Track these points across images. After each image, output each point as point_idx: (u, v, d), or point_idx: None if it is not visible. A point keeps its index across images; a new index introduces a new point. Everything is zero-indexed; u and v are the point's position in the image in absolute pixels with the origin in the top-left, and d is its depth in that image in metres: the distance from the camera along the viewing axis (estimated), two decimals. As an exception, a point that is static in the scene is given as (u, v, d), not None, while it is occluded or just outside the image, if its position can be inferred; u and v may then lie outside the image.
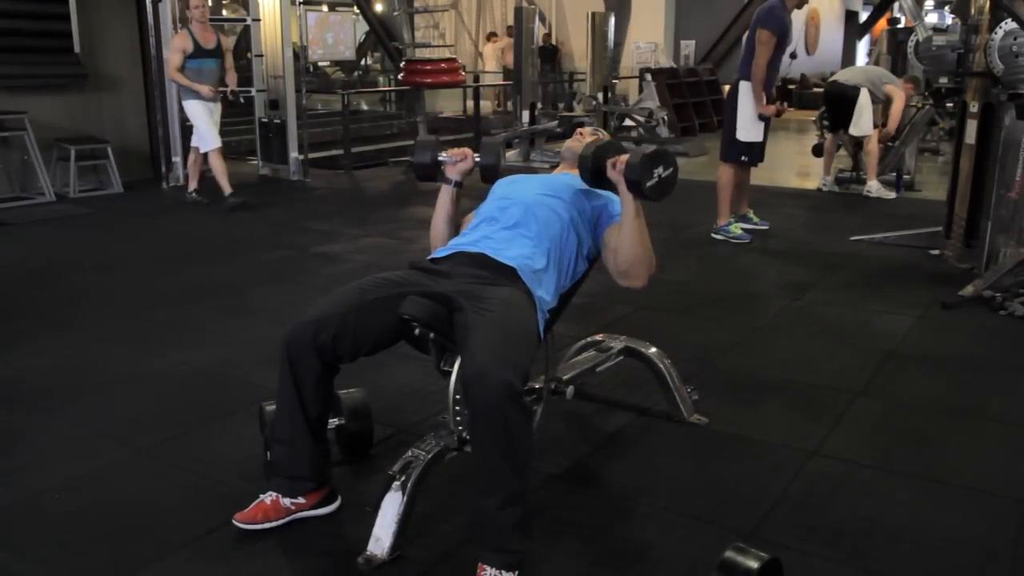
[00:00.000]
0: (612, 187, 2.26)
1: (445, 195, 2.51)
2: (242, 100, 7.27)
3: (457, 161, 2.45)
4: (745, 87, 5.30)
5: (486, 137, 2.34)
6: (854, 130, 6.90)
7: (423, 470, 2.03)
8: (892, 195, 7.02)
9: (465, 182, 2.51)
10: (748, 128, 5.33)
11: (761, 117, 5.29)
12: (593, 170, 2.26)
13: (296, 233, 5.75)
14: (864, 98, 6.77)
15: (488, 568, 1.88)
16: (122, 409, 2.91)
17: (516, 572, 1.90)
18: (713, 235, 5.52)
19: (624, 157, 2.19)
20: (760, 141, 5.38)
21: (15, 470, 2.49)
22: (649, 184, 2.15)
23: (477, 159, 2.46)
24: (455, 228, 2.51)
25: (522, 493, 1.90)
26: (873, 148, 6.96)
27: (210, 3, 7.33)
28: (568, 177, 2.48)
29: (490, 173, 2.46)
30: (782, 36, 5.20)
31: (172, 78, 6.51)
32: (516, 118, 9.08)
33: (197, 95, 6.35)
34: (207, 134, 6.41)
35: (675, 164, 2.21)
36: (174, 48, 6.42)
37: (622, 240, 2.26)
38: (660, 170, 2.17)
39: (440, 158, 2.45)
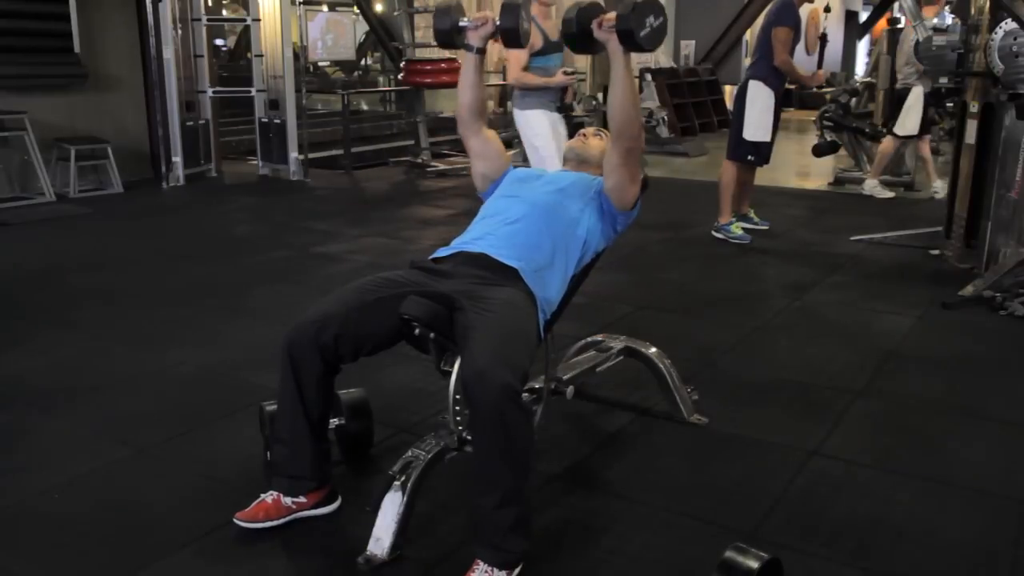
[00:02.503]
0: (600, 48, 2.24)
1: (468, 63, 2.44)
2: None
3: (478, 25, 2.37)
4: (755, 87, 5.29)
5: None
6: (898, 129, 6.68)
7: (423, 470, 2.03)
8: (889, 194, 7.00)
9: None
10: (756, 127, 5.33)
11: (804, 90, 5.28)
12: (578, 33, 2.23)
13: (296, 233, 5.75)
14: (914, 95, 6.56)
15: (481, 564, 1.88)
16: (122, 409, 2.91)
17: (511, 571, 1.90)
18: (714, 233, 5.52)
19: (611, 14, 2.16)
20: (767, 141, 5.37)
21: (15, 470, 2.49)
22: (643, 33, 2.10)
23: (498, 23, 2.36)
24: (481, 99, 2.47)
25: (521, 493, 1.90)
26: (886, 148, 6.86)
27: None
28: (573, 176, 2.48)
29: (511, 37, 2.36)
30: (797, 30, 5.22)
31: (518, 81, 4.75)
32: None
33: (543, 103, 4.79)
34: (554, 156, 4.71)
35: (664, 12, 2.16)
36: None
37: (614, 99, 2.24)
38: (651, 19, 2.12)
39: (461, 23, 2.37)
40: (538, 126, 4.78)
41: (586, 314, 3.68)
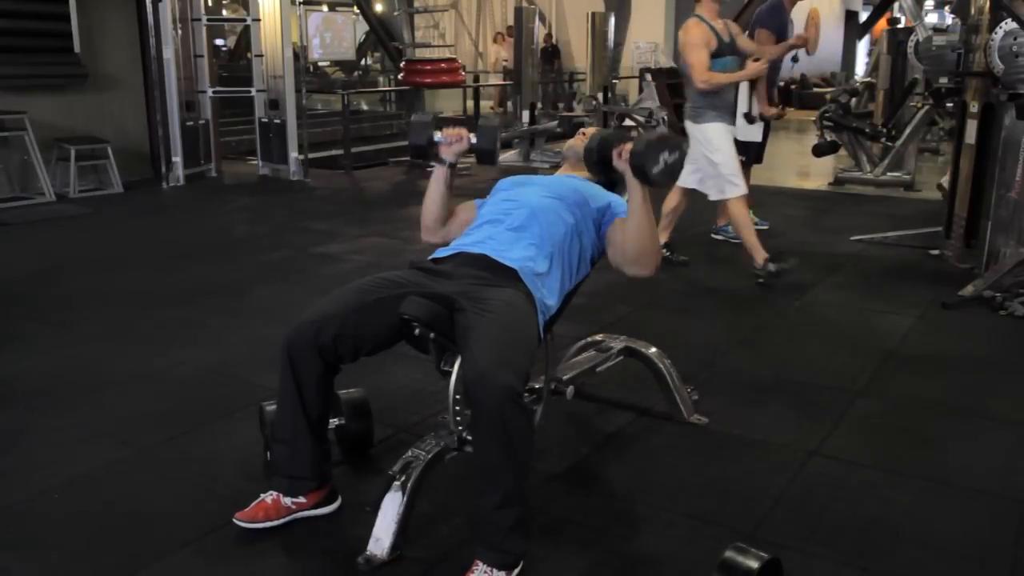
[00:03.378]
0: (619, 176, 2.25)
1: (439, 174, 2.44)
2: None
3: (452, 142, 2.39)
4: (742, 86, 5.30)
5: (483, 118, 2.29)
6: None
7: (423, 470, 2.03)
8: None
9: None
10: (746, 128, 5.33)
11: (761, 117, 5.28)
12: (599, 160, 2.25)
13: (296, 233, 5.75)
14: None
15: (480, 564, 1.88)
16: (122, 409, 2.91)
17: (511, 571, 1.90)
18: (713, 235, 5.52)
19: (628, 145, 2.16)
20: (758, 141, 5.38)
21: (15, 470, 2.49)
22: (656, 170, 2.10)
23: (472, 141, 2.39)
24: (446, 210, 2.48)
25: (521, 494, 1.90)
26: None
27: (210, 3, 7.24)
28: (572, 179, 2.47)
29: (486, 157, 2.41)
30: (781, 36, 5.20)
31: (708, 82, 4.37)
32: (516, 118, 9.08)
33: (721, 116, 4.52)
34: (736, 173, 4.52)
35: (681, 148, 2.16)
36: (695, 43, 4.38)
37: (630, 229, 2.23)
38: (666, 155, 2.11)
39: (436, 138, 2.39)
40: (718, 141, 4.53)
41: (586, 314, 3.68)
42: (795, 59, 6.00)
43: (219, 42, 14.79)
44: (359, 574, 1.99)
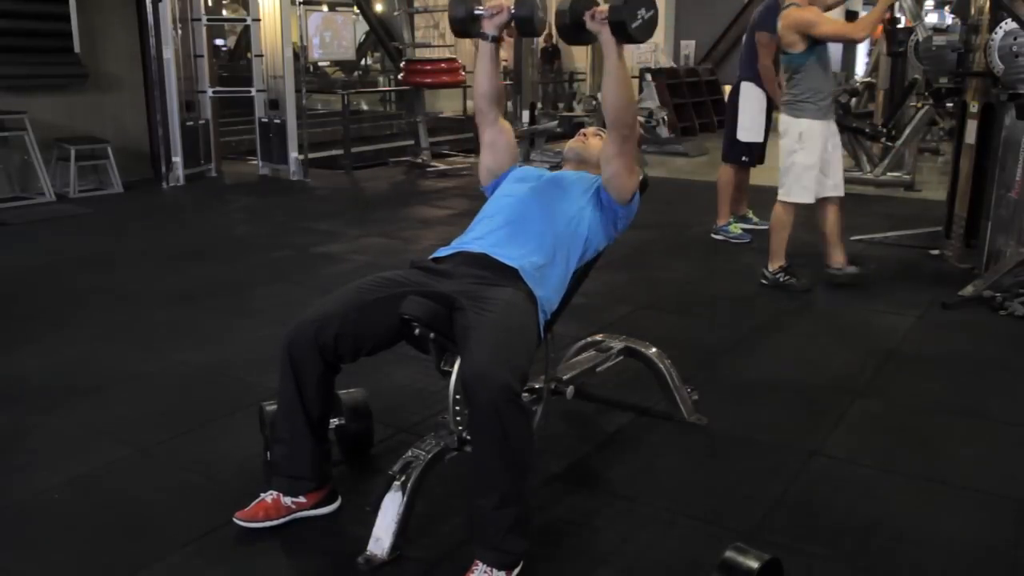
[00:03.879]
0: (592, 38, 2.26)
1: (484, 51, 2.43)
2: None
3: (493, 13, 2.36)
4: (747, 88, 5.30)
5: None
6: None
7: (423, 470, 2.03)
8: None
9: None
10: (749, 129, 5.35)
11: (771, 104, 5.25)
12: (571, 25, 2.24)
13: (296, 233, 5.75)
14: None
15: (480, 564, 1.88)
16: (122, 409, 2.91)
17: (511, 572, 1.90)
18: (713, 235, 5.52)
19: (603, 7, 2.18)
20: (760, 142, 5.40)
21: (15, 470, 2.49)
22: (635, 25, 2.14)
23: (513, 11, 2.36)
24: (496, 88, 2.47)
25: (520, 494, 1.90)
26: None
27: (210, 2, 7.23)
28: (574, 175, 2.48)
29: (526, 26, 2.35)
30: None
31: (866, 29, 4.23)
32: (516, 118, 9.08)
33: (823, 112, 4.22)
34: (812, 179, 4.25)
35: (655, 4, 2.19)
36: (818, 17, 4.12)
37: (608, 87, 2.25)
38: (643, 11, 2.15)
39: (476, 11, 2.37)
40: (808, 140, 4.19)
41: (586, 314, 3.68)
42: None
43: (219, 42, 14.81)
44: (359, 574, 1.99)
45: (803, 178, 4.25)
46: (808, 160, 4.22)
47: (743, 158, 5.42)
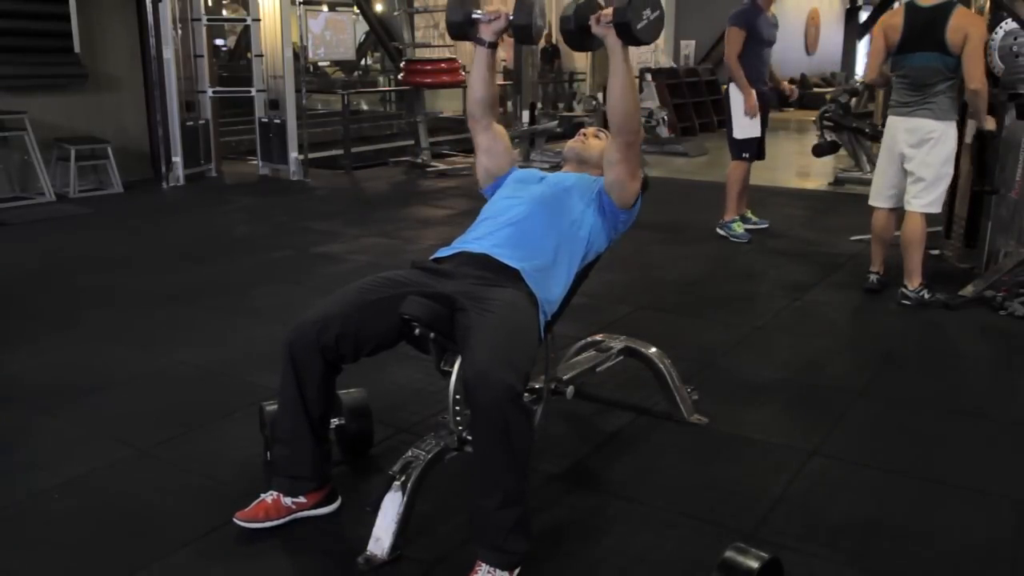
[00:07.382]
0: (598, 44, 2.25)
1: (481, 56, 2.42)
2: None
3: (491, 19, 2.35)
4: (734, 88, 5.43)
5: None
6: None
7: (423, 470, 2.03)
8: None
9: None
10: (742, 125, 5.42)
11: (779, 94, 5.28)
12: (576, 29, 2.24)
13: (296, 233, 5.75)
14: None
15: (483, 565, 1.88)
16: (122, 409, 2.91)
17: (512, 572, 1.90)
18: (717, 230, 5.55)
19: (608, 10, 2.17)
20: (757, 136, 5.45)
21: (15, 470, 2.49)
22: (640, 26, 2.12)
23: (511, 18, 2.35)
24: (491, 94, 2.47)
25: (521, 494, 1.90)
26: None
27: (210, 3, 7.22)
28: (574, 177, 2.47)
29: (523, 34, 2.35)
30: (751, 31, 5.28)
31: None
32: (516, 118, 9.07)
33: (956, 116, 3.96)
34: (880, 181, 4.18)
35: (660, 5, 2.18)
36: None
37: (614, 92, 2.24)
38: (648, 12, 2.14)
39: (474, 15, 2.36)
40: (953, 145, 3.92)
41: (586, 314, 3.68)
42: None
43: (219, 42, 14.80)
44: (359, 574, 1.99)
45: (943, 189, 4.00)
46: (950, 169, 3.94)
47: (744, 155, 5.48)
